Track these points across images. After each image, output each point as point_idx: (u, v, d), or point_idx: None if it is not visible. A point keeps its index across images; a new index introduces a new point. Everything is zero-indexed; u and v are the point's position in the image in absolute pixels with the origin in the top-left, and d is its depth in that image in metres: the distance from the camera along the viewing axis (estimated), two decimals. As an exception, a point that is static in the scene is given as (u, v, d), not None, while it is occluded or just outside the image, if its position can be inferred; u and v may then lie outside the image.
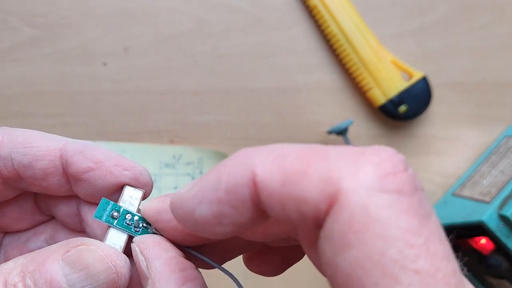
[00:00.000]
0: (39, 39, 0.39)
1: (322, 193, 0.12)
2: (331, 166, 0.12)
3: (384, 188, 0.12)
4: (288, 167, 0.13)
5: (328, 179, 0.12)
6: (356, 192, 0.11)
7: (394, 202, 0.11)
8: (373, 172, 0.12)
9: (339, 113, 0.42)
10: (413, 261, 0.11)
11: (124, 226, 0.19)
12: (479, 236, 0.36)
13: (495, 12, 0.42)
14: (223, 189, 0.14)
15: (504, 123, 0.43)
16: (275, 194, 0.13)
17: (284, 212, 0.13)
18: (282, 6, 0.41)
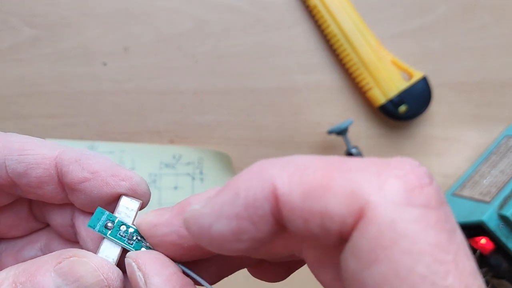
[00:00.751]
0: (39, 39, 0.39)
1: (348, 208, 0.12)
2: (355, 179, 0.12)
3: (411, 202, 0.11)
4: (309, 181, 0.12)
5: (353, 193, 0.12)
6: (383, 206, 0.11)
7: (421, 216, 0.11)
8: (399, 186, 0.12)
9: (339, 113, 0.42)
10: (443, 278, 0.11)
11: (118, 237, 0.18)
12: (479, 236, 0.36)
13: (495, 12, 0.42)
14: (241, 204, 0.13)
15: (504, 123, 0.43)
16: (297, 209, 0.12)
17: (306, 227, 0.12)
18: (282, 6, 0.41)
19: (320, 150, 0.42)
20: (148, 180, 0.40)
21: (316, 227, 0.12)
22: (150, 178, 0.40)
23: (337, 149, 0.42)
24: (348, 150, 0.39)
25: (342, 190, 0.12)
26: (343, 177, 0.12)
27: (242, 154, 0.41)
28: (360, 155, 0.39)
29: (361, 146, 0.42)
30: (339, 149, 0.42)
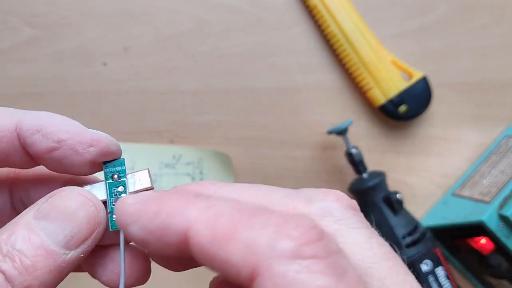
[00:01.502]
0: (39, 39, 0.39)
1: (244, 261, 0.13)
2: (255, 235, 0.13)
3: (300, 256, 0.13)
4: (219, 228, 0.14)
5: (251, 248, 0.13)
6: (277, 262, 0.13)
7: (310, 265, 0.13)
8: (290, 244, 0.13)
9: (339, 113, 0.42)
10: None
11: (110, 191, 0.18)
12: (479, 236, 0.36)
13: (495, 12, 0.42)
14: (157, 224, 0.15)
15: (504, 123, 0.43)
16: (204, 251, 0.14)
17: (211, 266, 0.14)
18: (282, 6, 0.41)
19: (320, 150, 0.42)
20: (148, 180, 0.40)
21: (219, 269, 0.14)
22: (150, 178, 0.40)
23: (337, 149, 0.42)
24: (348, 150, 0.39)
25: (242, 244, 0.13)
26: (246, 232, 0.14)
27: (242, 154, 0.41)
28: (360, 155, 0.39)
29: (361, 146, 0.42)
30: (339, 149, 0.42)
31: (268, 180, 0.41)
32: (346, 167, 0.42)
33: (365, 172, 0.39)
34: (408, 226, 0.38)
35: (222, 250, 0.14)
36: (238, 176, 0.41)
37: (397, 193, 0.38)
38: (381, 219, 0.38)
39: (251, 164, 0.41)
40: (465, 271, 0.42)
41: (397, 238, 0.37)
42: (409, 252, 0.37)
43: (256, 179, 0.41)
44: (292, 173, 0.41)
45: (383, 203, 0.38)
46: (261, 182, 0.41)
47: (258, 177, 0.41)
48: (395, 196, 0.38)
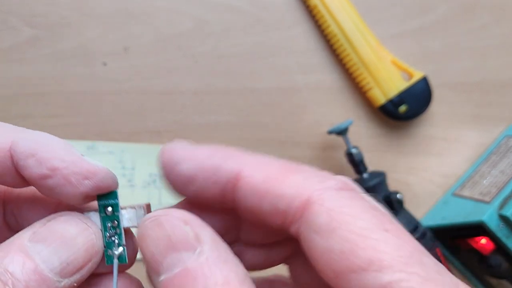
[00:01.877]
0: (39, 39, 0.39)
1: (297, 193, 0.15)
2: (305, 177, 0.16)
3: (344, 188, 0.16)
4: (272, 172, 0.16)
5: (303, 184, 0.16)
6: (327, 191, 0.16)
7: (352, 195, 0.16)
8: (335, 181, 0.16)
9: (339, 113, 0.42)
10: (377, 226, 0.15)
11: (105, 225, 0.18)
12: (479, 236, 0.36)
13: (495, 12, 0.43)
14: (211, 163, 0.16)
15: (504, 123, 0.43)
16: (255, 189, 0.16)
17: (259, 204, 0.16)
18: (282, 6, 0.41)
19: (320, 150, 0.42)
20: (148, 180, 0.40)
21: (267, 205, 0.16)
22: (150, 178, 0.40)
23: (337, 149, 0.42)
24: (348, 150, 0.39)
25: (294, 182, 0.16)
26: (297, 175, 0.16)
27: (242, 154, 0.41)
28: (360, 155, 0.39)
29: (361, 146, 0.42)
30: (339, 149, 0.42)
31: (268, 180, 0.41)
32: (346, 167, 0.42)
33: (365, 172, 0.39)
34: (408, 226, 0.38)
35: (275, 187, 0.16)
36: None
37: (397, 193, 0.38)
38: (381, 219, 0.38)
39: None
40: (465, 271, 0.42)
41: (397, 238, 0.37)
42: (409, 252, 0.37)
43: (256, 179, 0.41)
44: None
45: (383, 203, 0.38)
46: (261, 182, 0.41)
47: (258, 177, 0.41)
48: (395, 196, 0.38)
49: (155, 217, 0.16)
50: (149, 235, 0.16)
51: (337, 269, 0.14)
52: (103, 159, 0.40)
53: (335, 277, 0.15)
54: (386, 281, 0.14)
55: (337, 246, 0.14)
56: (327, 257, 0.15)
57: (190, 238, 0.15)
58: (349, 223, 0.15)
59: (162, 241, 0.16)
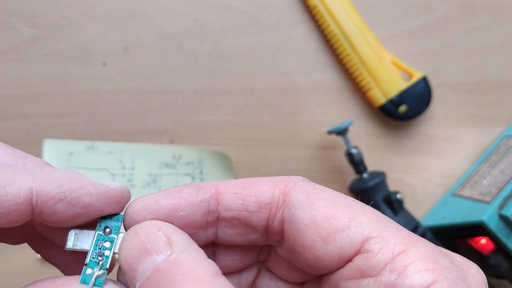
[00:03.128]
0: (39, 39, 0.39)
1: (275, 187, 0.18)
2: (274, 178, 0.19)
3: (308, 181, 0.19)
4: (243, 182, 0.19)
5: (277, 182, 0.19)
6: (298, 182, 0.19)
7: (315, 187, 0.19)
8: (301, 178, 0.20)
9: (339, 113, 0.42)
10: None
11: (96, 244, 0.18)
12: (479, 236, 0.36)
13: (495, 12, 0.43)
14: (187, 191, 0.18)
15: (504, 123, 0.43)
16: (237, 194, 0.18)
17: (243, 206, 0.18)
18: (282, 6, 0.41)
19: (320, 150, 0.42)
20: (148, 180, 0.40)
21: (252, 204, 0.18)
22: (150, 178, 0.40)
23: (337, 149, 0.42)
24: (348, 150, 0.39)
25: (268, 181, 0.19)
26: (265, 179, 0.19)
27: (242, 154, 0.41)
28: (360, 155, 0.39)
29: (361, 146, 0.42)
30: (339, 149, 0.42)
31: (268, 180, 0.41)
32: (346, 167, 0.42)
33: (365, 172, 0.39)
34: (408, 226, 0.38)
35: (253, 188, 0.18)
36: (238, 175, 0.41)
37: (397, 193, 0.38)
38: (381, 219, 0.38)
39: (251, 164, 0.41)
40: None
41: (397, 238, 0.37)
42: (409, 252, 0.37)
43: (256, 179, 0.41)
44: (292, 173, 0.41)
45: (383, 203, 0.38)
46: (261, 182, 0.41)
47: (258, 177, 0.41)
48: (395, 196, 0.38)
49: (133, 228, 0.17)
50: (127, 245, 0.17)
51: (324, 234, 0.17)
52: (103, 159, 0.40)
53: (324, 243, 0.17)
54: (367, 232, 0.17)
55: (319, 213, 0.17)
56: (313, 225, 0.17)
57: (162, 242, 0.16)
58: (323, 197, 0.18)
59: (137, 248, 0.16)
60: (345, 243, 0.17)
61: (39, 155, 0.39)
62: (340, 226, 0.17)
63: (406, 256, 0.16)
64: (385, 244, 0.16)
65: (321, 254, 0.17)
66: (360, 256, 0.17)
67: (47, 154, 0.39)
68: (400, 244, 0.17)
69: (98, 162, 0.40)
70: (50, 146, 0.39)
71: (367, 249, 0.17)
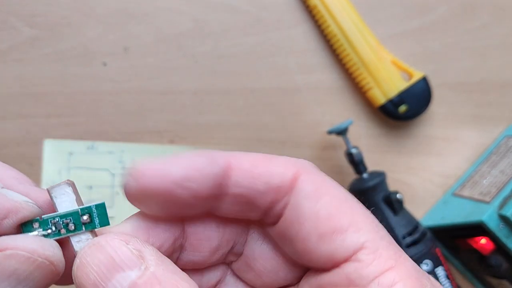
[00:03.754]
0: (38, 39, 0.40)
1: (286, 169, 0.18)
2: (287, 159, 0.18)
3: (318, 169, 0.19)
4: (257, 158, 0.18)
5: (289, 162, 0.18)
6: (311, 168, 0.18)
7: (325, 177, 0.19)
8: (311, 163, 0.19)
9: (339, 113, 0.42)
10: None
11: None
12: (479, 236, 0.36)
13: (495, 12, 0.43)
14: (200, 161, 0.17)
15: (504, 123, 0.43)
16: (247, 172, 0.17)
17: (252, 184, 0.17)
18: (282, 6, 0.41)
19: (320, 150, 0.42)
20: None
21: (261, 184, 0.17)
22: (150, 178, 0.40)
23: (337, 149, 0.42)
24: (348, 150, 0.39)
25: (282, 161, 0.18)
26: (278, 158, 0.18)
27: (242, 154, 0.41)
28: (360, 155, 0.39)
29: (361, 146, 0.42)
30: (339, 149, 0.42)
31: (268, 180, 0.41)
32: (346, 167, 0.42)
33: (365, 172, 0.39)
34: (408, 226, 0.38)
35: (265, 168, 0.18)
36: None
37: (397, 193, 0.38)
38: (381, 219, 0.38)
39: (251, 164, 0.41)
40: (465, 271, 0.42)
41: (397, 238, 0.37)
42: (409, 252, 0.37)
43: (256, 179, 0.41)
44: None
45: (383, 203, 0.38)
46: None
47: (258, 177, 0.41)
48: (395, 196, 0.38)
49: (95, 242, 0.16)
50: (90, 261, 0.16)
51: (322, 231, 0.17)
52: (103, 159, 0.40)
53: (319, 240, 0.17)
54: (363, 239, 0.17)
55: (323, 209, 0.17)
56: (314, 219, 0.17)
57: (133, 256, 0.16)
58: (331, 192, 0.18)
59: (106, 264, 0.15)
60: (339, 246, 0.17)
61: (39, 155, 0.39)
62: (339, 228, 0.17)
63: (395, 272, 0.16)
64: (378, 257, 0.17)
65: (312, 249, 0.17)
66: (351, 264, 0.17)
67: (47, 154, 0.40)
68: (391, 259, 0.17)
69: (98, 162, 0.40)
70: (50, 146, 0.40)
71: (359, 259, 0.17)
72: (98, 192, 0.40)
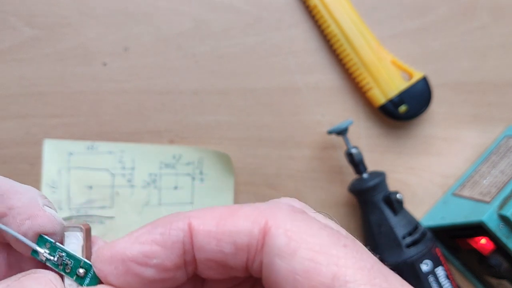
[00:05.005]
0: (39, 39, 0.40)
1: (254, 222, 0.16)
2: (254, 207, 0.16)
3: (295, 211, 0.16)
4: (220, 213, 0.16)
5: (257, 212, 0.16)
6: (282, 215, 0.16)
7: (303, 216, 0.16)
8: (285, 206, 0.17)
9: (339, 113, 0.42)
10: None
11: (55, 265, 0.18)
12: (479, 236, 0.37)
13: (495, 12, 0.43)
14: (158, 232, 0.16)
15: (504, 123, 0.43)
16: (211, 233, 0.16)
17: (219, 247, 0.16)
18: (282, 6, 0.41)
19: (320, 150, 0.42)
20: (148, 180, 0.40)
21: (227, 245, 0.16)
22: (150, 178, 0.40)
23: (337, 149, 0.42)
24: (348, 150, 0.39)
25: (248, 213, 0.16)
26: (245, 208, 0.16)
27: (242, 154, 0.41)
28: (360, 155, 0.39)
29: (361, 146, 0.42)
30: (339, 149, 0.42)
31: (268, 180, 0.41)
32: (346, 167, 0.42)
33: (365, 172, 0.39)
34: (408, 226, 0.38)
35: (229, 224, 0.16)
36: (238, 176, 0.41)
37: (397, 193, 0.38)
38: (381, 219, 0.38)
39: (251, 164, 0.41)
40: (465, 271, 0.42)
41: (397, 238, 0.37)
42: (409, 252, 0.37)
43: (256, 179, 0.41)
44: (292, 173, 0.41)
45: (383, 203, 0.38)
46: (260, 182, 0.41)
47: (258, 177, 0.41)
48: (395, 196, 0.38)
49: None
50: None
51: None
52: (103, 159, 0.40)
53: None
54: None
55: (300, 266, 0.15)
56: (292, 280, 0.15)
57: None
58: (307, 242, 0.15)
59: None
60: None
61: (39, 155, 0.40)
62: (322, 285, 0.14)
63: None
64: None
65: None
66: None
67: (47, 154, 0.40)
68: None
69: (98, 162, 0.40)
70: (50, 146, 0.40)
71: None
72: (98, 192, 0.40)
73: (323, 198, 0.42)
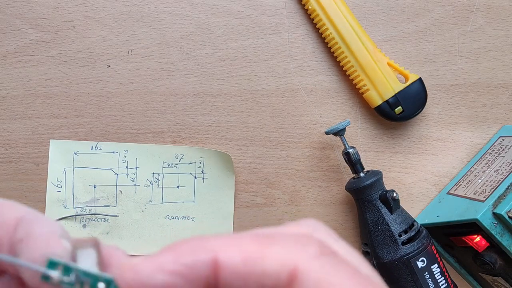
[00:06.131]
0: (44, 41, 0.40)
1: (282, 266, 0.15)
2: (284, 246, 0.15)
3: (324, 253, 0.15)
4: (247, 248, 0.15)
5: (285, 257, 0.15)
6: (311, 259, 0.15)
7: (333, 260, 0.15)
8: (315, 246, 0.16)
9: (336, 114, 0.42)
10: None
11: None
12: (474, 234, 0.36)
13: (489, 15, 0.43)
14: (183, 263, 0.15)
15: (498, 124, 0.43)
16: (238, 272, 0.15)
17: (245, 285, 0.15)
18: (282, 10, 0.41)
19: (318, 149, 0.42)
20: (151, 179, 0.41)
21: (253, 285, 0.15)
22: (153, 177, 0.40)
23: (334, 149, 0.42)
24: (346, 150, 0.39)
25: (276, 255, 0.15)
26: (274, 245, 0.15)
27: (242, 154, 0.42)
28: (357, 154, 0.39)
29: (358, 146, 0.42)
30: (337, 149, 0.42)
31: (268, 179, 0.42)
32: (344, 167, 0.42)
33: (362, 171, 0.39)
34: (404, 224, 0.38)
35: (257, 264, 0.15)
36: (238, 175, 0.42)
37: (393, 191, 0.38)
38: (378, 217, 0.38)
39: (251, 164, 0.42)
40: (460, 268, 0.42)
41: (393, 235, 0.37)
42: (405, 249, 0.37)
43: (256, 178, 0.42)
44: (291, 172, 0.42)
45: (379, 201, 0.38)
46: (260, 180, 0.42)
47: (258, 176, 0.42)
48: (392, 195, 0.38)
49: None
50: None
51: None
52: (107, 158, 0.40)
53: None
54: None
55: None
56: None
57: None
58: (340, 282, 0.14)
59: None
60: None
61: (45, 155, 0.40)
62: None
63: None
64: None
65: None
66: None
67: (53, 154, 0.40)
68: None
69: (102, 162, 0.40)
70: (56, 146, 0.40)
71: None
72: (102, 191, 0.40)
73: (321, 196, 0.42)
